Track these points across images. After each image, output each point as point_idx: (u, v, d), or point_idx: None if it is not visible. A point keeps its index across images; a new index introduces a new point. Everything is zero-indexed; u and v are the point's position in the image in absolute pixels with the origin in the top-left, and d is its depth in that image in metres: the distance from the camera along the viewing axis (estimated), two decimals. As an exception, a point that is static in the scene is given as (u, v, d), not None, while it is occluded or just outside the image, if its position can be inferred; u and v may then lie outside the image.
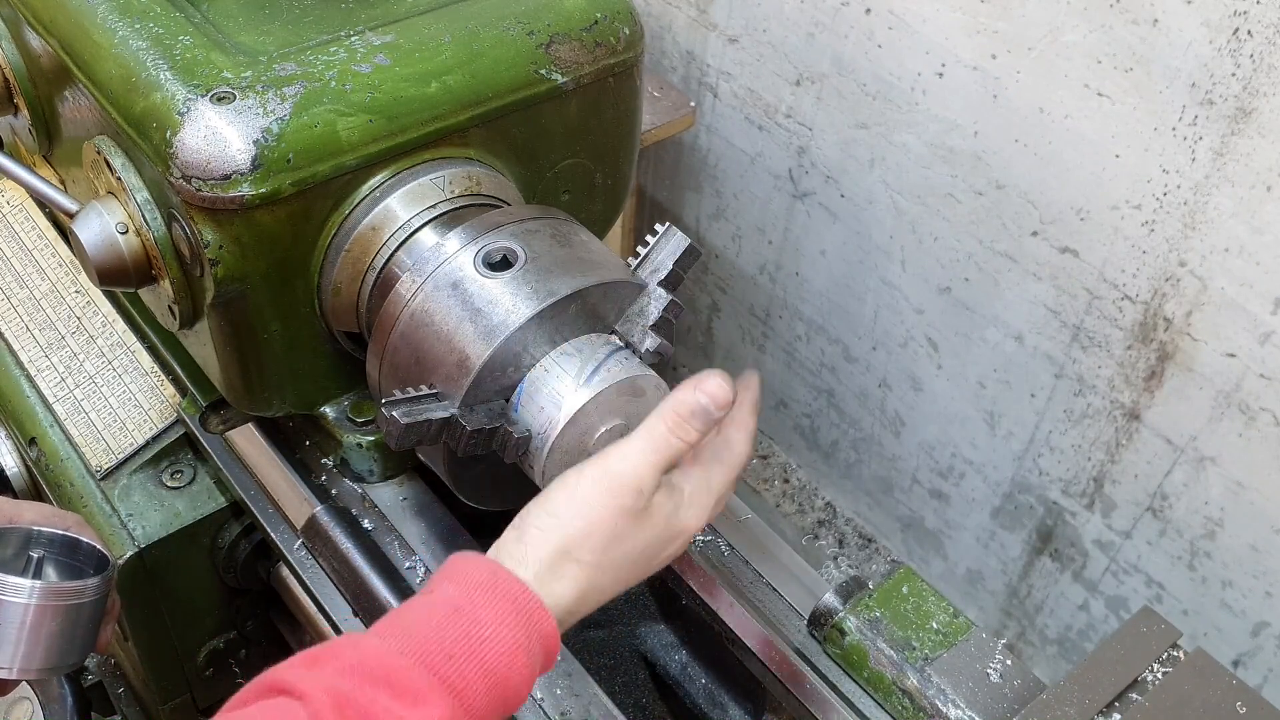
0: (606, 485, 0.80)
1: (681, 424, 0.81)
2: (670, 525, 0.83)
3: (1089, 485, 1.47)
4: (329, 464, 1.11)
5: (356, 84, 0.95)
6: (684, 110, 1.70)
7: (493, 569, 0.77)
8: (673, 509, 0.83)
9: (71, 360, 1.27)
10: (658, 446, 0.81)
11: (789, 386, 1.91)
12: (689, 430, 0.81)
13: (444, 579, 0.78)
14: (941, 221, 1.48)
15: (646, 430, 0.82)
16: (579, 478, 0.81)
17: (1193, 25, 1.13)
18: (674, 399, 0.82)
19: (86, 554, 1.00)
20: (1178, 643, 0.94)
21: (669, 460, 0.81)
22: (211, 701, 1.32)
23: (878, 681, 0.95)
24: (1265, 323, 1.20)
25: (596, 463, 0.81)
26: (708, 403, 0.81)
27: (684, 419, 0.81)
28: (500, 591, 0.76)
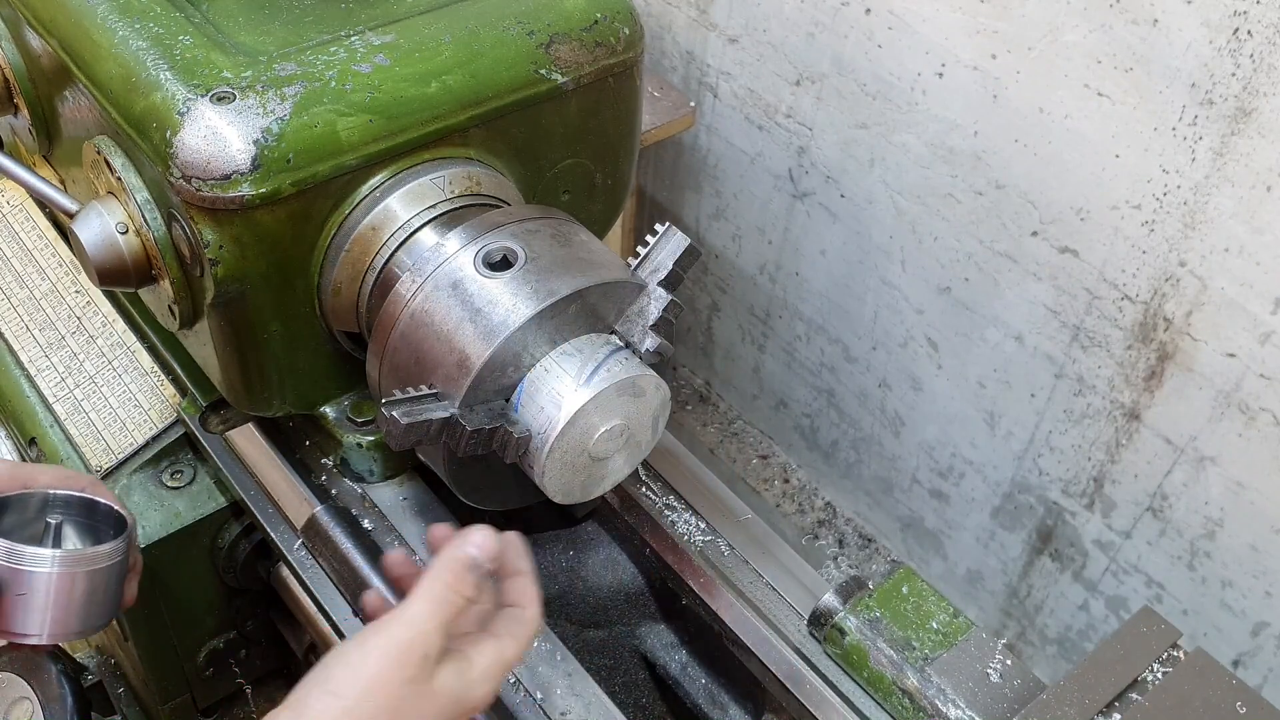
0: (394, 656, 0.77)
1: (459, 580, 0.80)
2: (460, 701, 0.81)
3: (1089, 485, 1.47)
4: (329, 464, 1.11)
5: (356, 84, 0.95)
6: (684, 110, 1.70)
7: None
8: (462, 685, 0.81)
9: (71, 360, 1.27)
10: (439, 605, 0.79)
11: (789, 386, 1.91)
12: (466, 585, 0.81)
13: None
14: (941, 221, 1.48)
15: (425, 591, 0.80)
16: (362, 652, 0.77)
17: (1193, 25, 1.13)
18: (445, 557, 0.81)
19: (104, 515, 0.99)
20: (1178, 643, 0.94)
21: (450, 618, 0.80)
22: (211, 701, 1.32)
23: (878, 681, 0.95)
24: (1265, 323, 1.20)
25: (379, 631, 0.78)
26: (477, 554, 0.82)
27: (460, 574, 0.80)
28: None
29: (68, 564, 0.91)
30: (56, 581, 0.91)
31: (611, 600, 1.14)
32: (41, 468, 1.00)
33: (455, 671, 0.80)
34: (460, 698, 0.80)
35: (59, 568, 0.91)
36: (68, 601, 0.92)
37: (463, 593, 0.80)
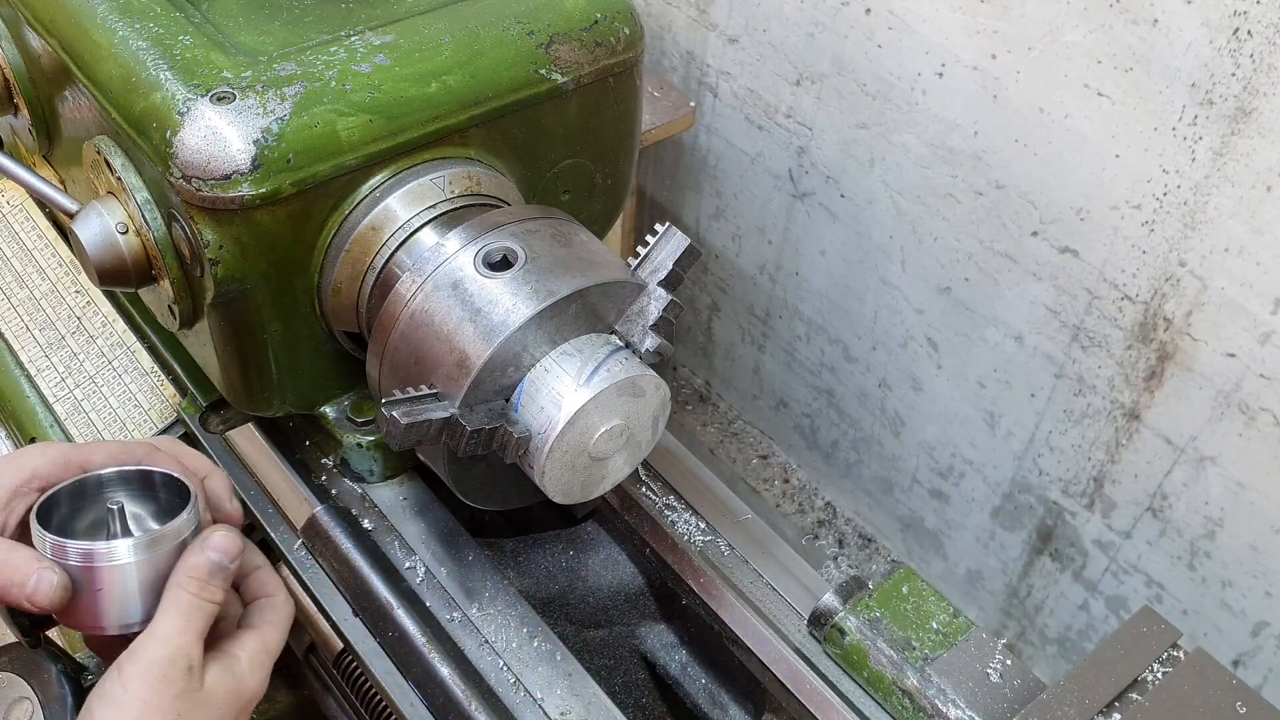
0: (157, 677, 0.77)
1: (205, 587, 0.82)
2: (237, 697, 0.82)
3: (1089, 485, 1.47)
4: (329, 464, 1.11)
5: (356, 84, 0.95)
6: (684, 110, 1.70)
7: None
8: (234, 680, 0.82)
9: (71, 360, 1.27)
10: (189, 617, 0.80)
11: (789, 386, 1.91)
12: (214, 590, 0.82)
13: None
14: (941, 221, 1.48)
15: (171, 605, 0.81)
16: (122, 684, 0.77)
17: (1193, 25, 1.13)
18: (186, 565, 0.82)
19: (164, 484, 0.96)
20: (1178, 643, 0.94)
21: (204, 626, 0.81)
22: (211, 701, 1.31)
23: (878, 681, 0.95)
24: (1265, 323, 1.20)
25: (134, 658, 0.78)
26: (219, 558, 0.83)
27: (205, 581, 0.82)
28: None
29: (146, 550, 0.87)
30: (140, 570, 0.87)
31: (611, 600, 1.14)
32: (94, 446, 0.95)
33: (223, 670, 0.81)
34: (236, 693, 0.82)
35: (138, 556, 0.87)
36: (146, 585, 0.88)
37: (212, 599, 0.82)
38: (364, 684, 1.11)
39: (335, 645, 1.13)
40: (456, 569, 1.03)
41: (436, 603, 1.00)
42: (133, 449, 0.96)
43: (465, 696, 0.93)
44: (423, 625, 0.98)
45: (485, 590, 1.02)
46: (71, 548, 0.85)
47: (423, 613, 0.99)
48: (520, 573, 1.12)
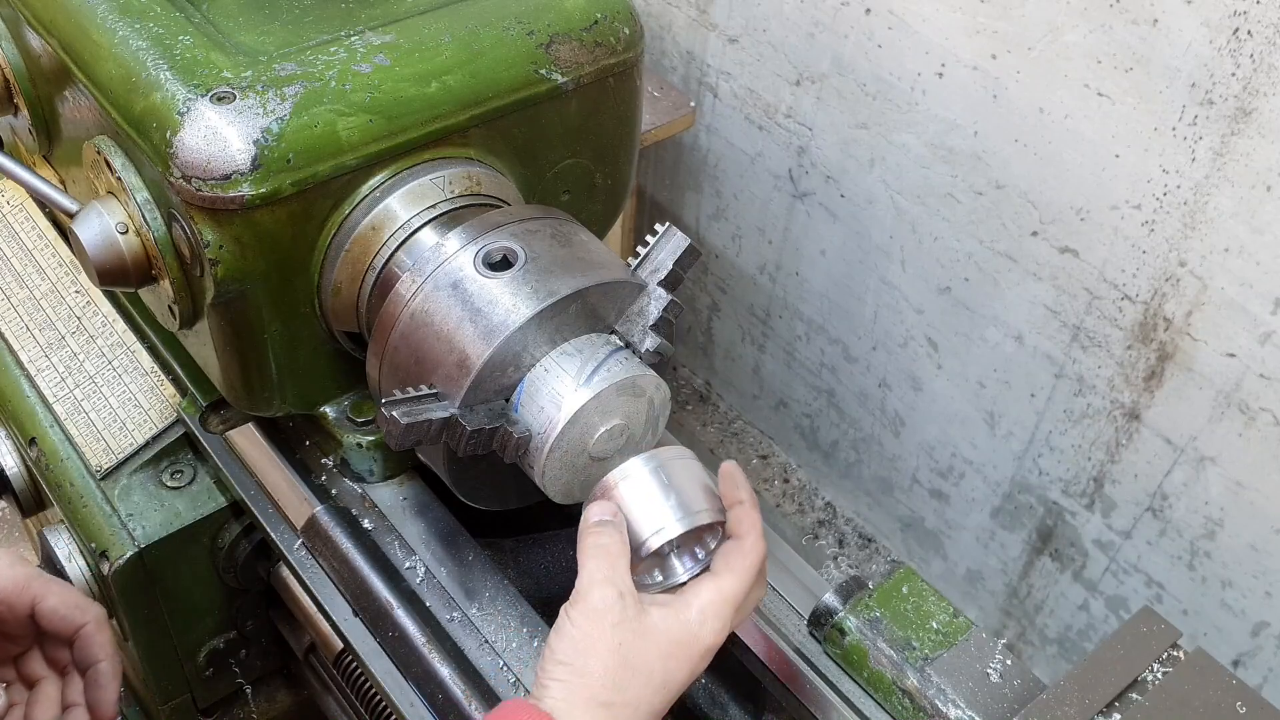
0: (593, 611, 0.81)
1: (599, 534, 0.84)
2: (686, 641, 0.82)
3: (1089, 485, 1.47)
4: (329, 464, 1.11)
5: (356, 84, 0.95)
6: (684, 110, 1.70)
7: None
8: (680, 625, 0.82)
9: (71, 360, 1.27)
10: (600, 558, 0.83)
11: (789, 386, 1.91)
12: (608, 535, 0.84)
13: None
14: (941, 221, 1.48)
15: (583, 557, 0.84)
16: (568, 620, 0.81)
17: (1193, 25, 1.13)
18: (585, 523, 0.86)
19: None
20: (1178, 643, 0.94)
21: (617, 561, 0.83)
22: (211, 701, 1.32)
23: (878, 681, 0.95)
24: (1265, 323, 1.20)
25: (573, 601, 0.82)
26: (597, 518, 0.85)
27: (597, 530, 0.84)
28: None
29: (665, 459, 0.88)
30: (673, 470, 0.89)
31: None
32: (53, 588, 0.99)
33: (670, 614, 0.82)
34: (684, 639, 0.82)
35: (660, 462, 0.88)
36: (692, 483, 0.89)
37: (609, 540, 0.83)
38: (364, 684, 1.11)
39: (335, 645, 1.13)
40: (456, 569, 1.03)
41: (436, 603, 1.00)
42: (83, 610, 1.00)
43: (465, 696, 0.93)
44: (423, 625, 0.98)
45: (485, 590, 1.02)
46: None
47: (423, 613, 0.99)
48: (520, 573, 1.12)
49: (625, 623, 0.80)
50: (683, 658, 0.82)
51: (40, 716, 0.99)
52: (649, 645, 0.80)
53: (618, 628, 0.80)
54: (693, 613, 0.83)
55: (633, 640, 0.80)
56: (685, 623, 0.82)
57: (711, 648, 0.83)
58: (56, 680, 1.02)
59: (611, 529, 0.84)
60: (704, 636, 0.83)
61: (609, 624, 0.80)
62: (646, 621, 0.81)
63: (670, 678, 0.81)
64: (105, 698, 0.99)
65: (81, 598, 1.01)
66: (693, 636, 0.82)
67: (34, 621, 0.98)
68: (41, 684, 1.01)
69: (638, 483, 0.87)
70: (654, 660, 0.80)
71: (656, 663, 0.80)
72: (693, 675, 0.83)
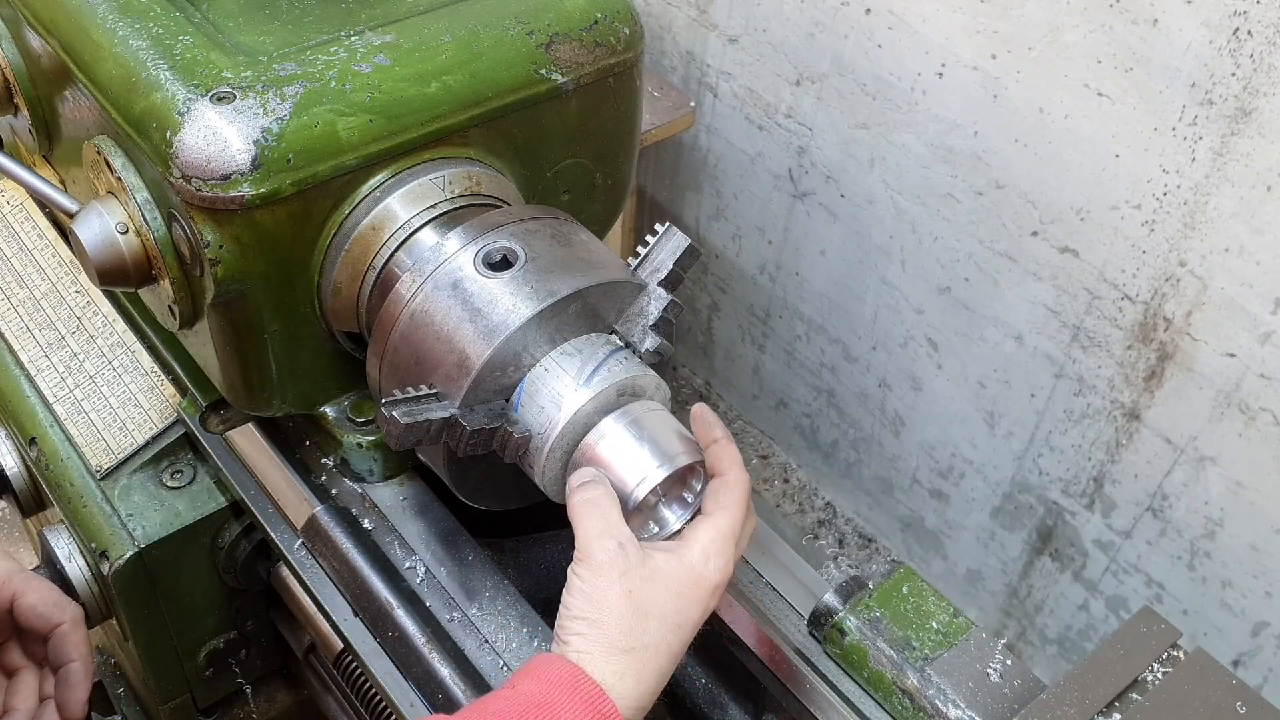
0: (598, 563, 0.82)
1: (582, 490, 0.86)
2: (693, 581, 0.84)
3: (1089, 485, 1.47)
4: (329, 464, 1.11)
5: (356, 84, 0.95)
6: (684, 110, 1.70)
7: (573, 671, 0.79)
8: (684, 567, 0.84)
9: (71, 360, 1.27)
10: (590, 512, 0.84)
11: (789, 386, 1.91)
12: (592, 489, 0.85)
13: (526, 675, 0.80)
14: (941, 221, 1.48)
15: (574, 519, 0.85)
16: (576, 577, 0.83)
17: (1193, 25, 1.13)
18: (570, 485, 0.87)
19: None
20: (1178, 643, 0.94)
21: (607, 513, 0.84)
22: (211, 701, 1.32)
23: (878, 681, 0.95)
24: (1265, 323, 1.20)
25: (576, 561, 0.84)
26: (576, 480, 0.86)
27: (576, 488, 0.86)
28: (581, 693, 0.77)
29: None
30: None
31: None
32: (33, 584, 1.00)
33: (672, 557, 0.84)
34: (690, 578, 0.83)
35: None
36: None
37: (593, 495, 0.85)
38: (364, 684, 1.11)
39: (335, 645, 1.13)
40: (456, 569, 1.03)
41: (436, 603, 1.00)
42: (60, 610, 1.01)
43: (465, 696, 0.93)
44: (423, 625, 0.98)
45: (485, 590, 1.02)
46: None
47: (423, 613, 0.99)
48: (520, 573, 1.12)
49: (631, 571, 0.82)
50: (693, 597, 0.83)
51: (18, 705, 1.00)
52: (658, 589, 0.82)
53: (625, 576, 0.81)
54: (695, 553, 0.85)
55: (642, 587, 0.82)
56: (690, 564, 0.84)
57: (719, 585, 0.85)
58: (35, 671, 1.04)
59: (595, 484, 0.86)
60: (709, 574, 0.85)
61: (616, 574, 0.81)
62: (652, 566, 0.83)
63: (684, 618, 0.83)
64: (74, 697, 1.01)
65: (61, 596, 1.02)
66: (699, 575, 0.84)
67: (11, 616, 1.00)
68: (20, 673, 1.03)
69: (613, 439, 0.89)
70: (665, 603, 0.82)
71: (668, 605, 0.82)
72: (705, 613, 0.85)
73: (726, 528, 0.86)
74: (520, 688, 0.78)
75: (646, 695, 0.81)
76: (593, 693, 0.78)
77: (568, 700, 0.77)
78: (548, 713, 0.76)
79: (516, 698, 0.77)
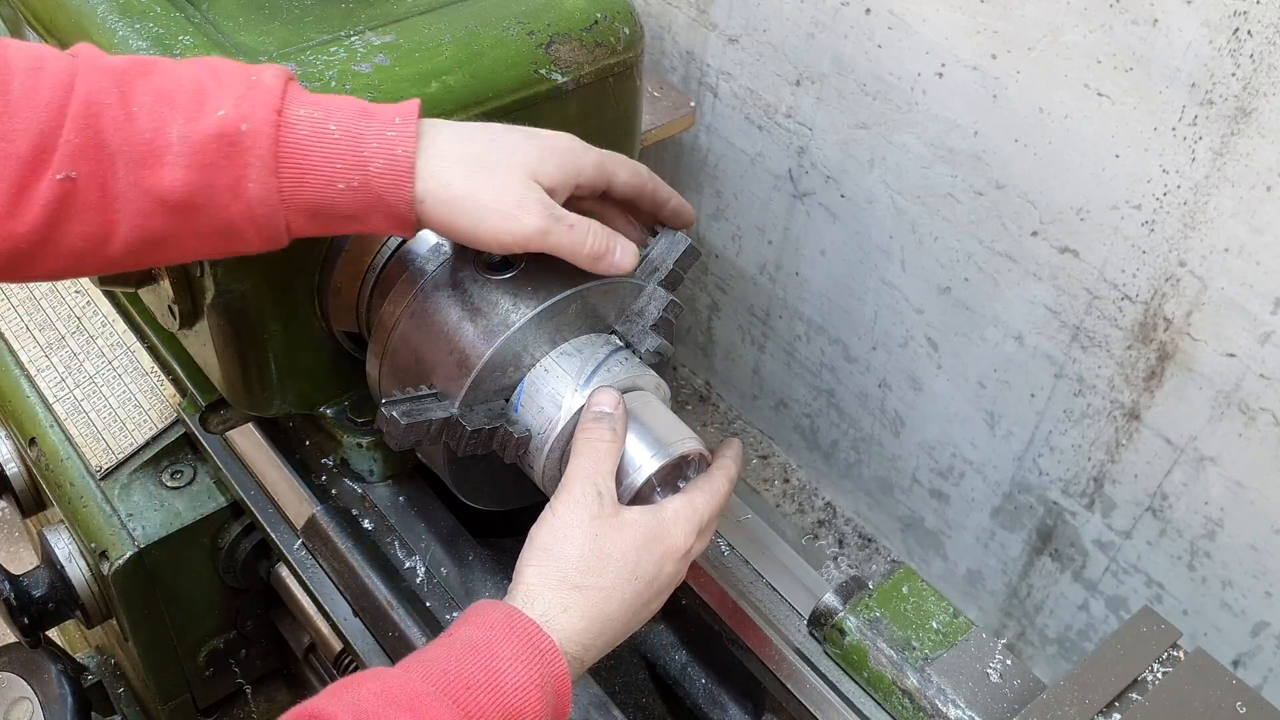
0: (574, 502, 0.84)
1: (594, 430, 0.87)
2: (659, 538, 0.86)
3: (1089, 485, 1.47)
4: (329, 464, 1.11)
5: (356, 84, 0.95)
6: (684, 110, 1.70)
7: (508, 611, 0.80)
8: (655, 522, 0.86)
9: (71, 360, 1.27)
10: (592, 455, 0.86)
11: (789, 386, 1.91)
12: (603, 432, 0.87)
13: (463, 622, 0.81)
14: (941, 221, 1.48)
15: (577, 450, 0.87)
16: (550, 511, 0.86)
17: (1193, 25, 1.13)
18: (581, 421, 0.89)
19: None
20: (1178, 643, 0.94)
21: (603, 461, 0.86)
22: (211, 701, 1.32)
23: (878, 681, 0.95)
24: (1265, 323, 1.20)
25: (557, 495, 0.86)
26: (598, 409, 0.88)
27: (593, 426, 0.87)
28: (514, 630, 0.79)
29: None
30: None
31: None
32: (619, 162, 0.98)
33: (646, 512, 0.87)
34: (656, 533, 0.86)
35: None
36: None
37: (602, 439, 0.87)
38: (364, 684, 1.11)
39: (335, 645, 1.13)
40: (456, 569, 1.04)
41: (436, 603, 1.00)
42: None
43: (465, 696, 0.93)
44: (423, 625, 0.98)
45: (485, 590, 1.02)
46: None
47: (423, 613, 0.99)
48: (520, 573, 1.12)
49: (603, 517, 0.85)
50: (656, 551, 0.86)
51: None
52: (623, 536, 0.85)
53: (595, 520, 0.84)
54: (666, 513, 0.87)
55: (608, 532, 0.84)
56: (660, 519, 0.87)
57: (682, 550, 0.87)
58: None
59: (608, 424, 0.88)
60: (675, 535, 0.87)
61: (588, 516, 0.84)
62: (623, 516, 0.86)
63: (641, 568, 0.85)
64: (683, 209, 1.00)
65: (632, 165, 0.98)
66: (665, 532, 0.86)
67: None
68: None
69: None
70: (628, 550, 0.84)
71: (630, 553, 0.84)
72: (666, 576, 0.87)
73: (700, 505, 0.89)
74: (457, 634, 0.79)
75: (592, 636, 0.82)
76: (529, 629, 0.79)
77: (504, 637, 0.78)
78: (484, 653, 0.77)
79: (453, 643, 0.78)
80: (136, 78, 0.80)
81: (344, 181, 0.81)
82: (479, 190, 0.84)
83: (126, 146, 0.79)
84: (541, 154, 0.87)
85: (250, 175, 0.79)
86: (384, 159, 0.81)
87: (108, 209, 0.79)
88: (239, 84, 0.81)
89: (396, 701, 0.73)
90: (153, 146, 0.79)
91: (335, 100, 0.83)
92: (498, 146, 0.86)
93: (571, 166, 0.89)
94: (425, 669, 0.76)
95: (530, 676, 0.77)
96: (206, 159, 0.79)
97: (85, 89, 0.79)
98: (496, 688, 0.75)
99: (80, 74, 0.80)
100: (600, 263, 0.88)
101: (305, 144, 0.80)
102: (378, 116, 0.82)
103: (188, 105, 0.79)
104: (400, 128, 0.82)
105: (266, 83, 0.81)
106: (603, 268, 0.89)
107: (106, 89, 0.79)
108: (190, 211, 0.80)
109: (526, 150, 0.87)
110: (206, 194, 0.80)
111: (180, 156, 0.79)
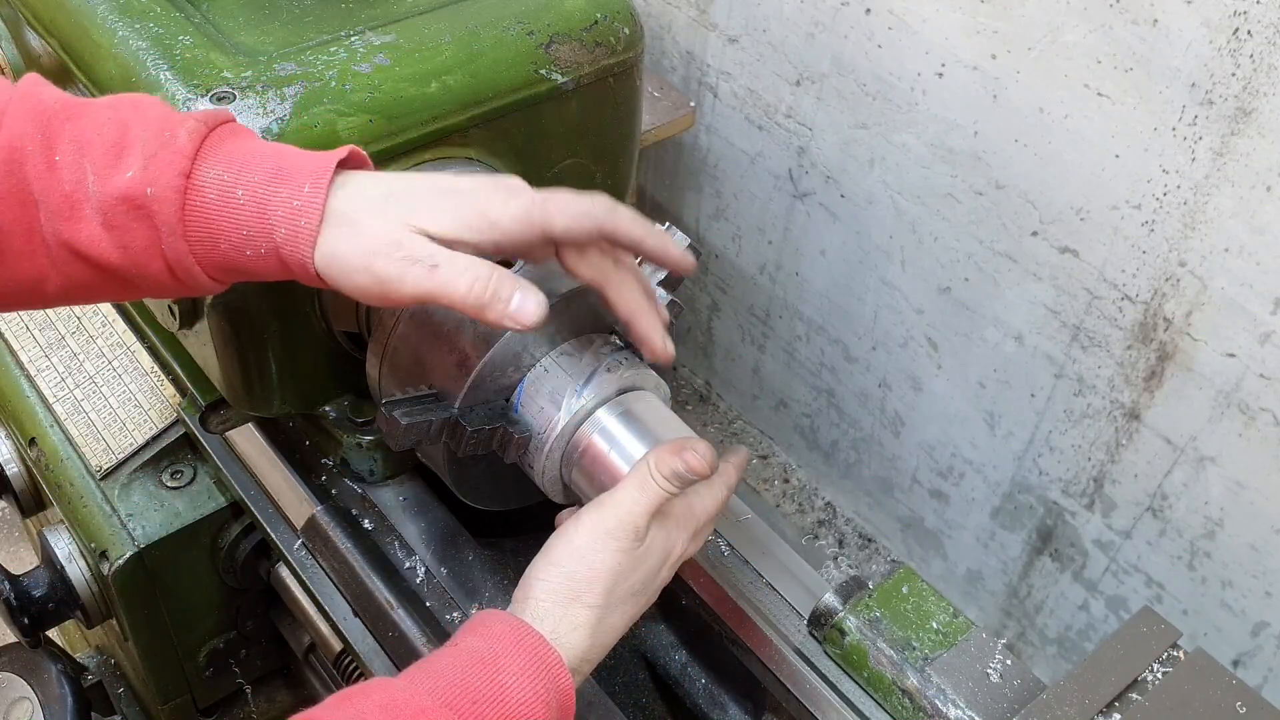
0: (605, 530, 0.83)
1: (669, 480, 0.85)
2: (667, 555, 0.87)
3: (1089, 485, 1.47)
4: (329, 464, 1.11)
5: (356, 84, 0.95)
6: (684, 110, 1.70)
7: (515, 624, 0.80)
8: (665, 540, 0.87)
9: (71, 360, 1.27)
10: (648, 493, 0.85)
11: (789, 386, 1.91)
12: (672, 486, 0.85)
13: (468, 632, 0.80)
14: (941, 221, 1.48)
15: (636, 477, 0.85)
16: (576, 528, 0.84)
17: (1193, 25, 1.13)
18: (663, 454, 0.86)
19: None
20: (1178, 643, 0.94)
21: (656, 505, 0.85)
22: (211, 701, 1.32)
23: (878, 681, 0.95)
24: (1265, 323, 1.20)
25: (592, 511, 0.84)
26: (685, 470, 0.85)
27: (669, 476, 0.85)
28: (523, 645, 0.78)
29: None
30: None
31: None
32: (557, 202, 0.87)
33: (660, 530, 0.86)
34: (666, 550, 0.87)
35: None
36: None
37: (668, 490, 0.85)
38: (364, 684, 1.11)
39: (335, 645, 1.13)
40: (456, 569, 1.04)
41: (436, 603, 1.00)
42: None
43: (465, 696, 0.93)
44: (423, 625, 0.98)
45: (485, 590, 1.02)
46: None
47: (423, 613, 0.99)
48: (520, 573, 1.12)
49: (631, 552, 0.84)
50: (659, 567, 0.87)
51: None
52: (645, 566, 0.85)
53: (623, 553, 0.83)
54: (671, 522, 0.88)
55: (632, 564, 0.85)
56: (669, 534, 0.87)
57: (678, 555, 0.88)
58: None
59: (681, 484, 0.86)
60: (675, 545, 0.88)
61: (616, 548, 0.83)
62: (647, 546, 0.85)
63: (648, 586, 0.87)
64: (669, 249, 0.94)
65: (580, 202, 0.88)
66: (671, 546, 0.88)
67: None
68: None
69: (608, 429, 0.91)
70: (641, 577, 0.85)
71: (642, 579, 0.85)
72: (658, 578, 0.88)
73: (699, 508, 0.89)
74: (462, 644, 0.79)
75: (596, 651, 0.83)
76: (537, 644, 0.79)
77: (512, 651, 0.77)
78: (490, 665, 0.76)
79: (459, 653, 0.78)
80: (64, 122, 0.77)
81: (250, 248, 0.77)
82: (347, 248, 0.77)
83: (46, 197, 0.76)
84: (433, 200, 0.79)
85: (162, 239, 0.76)
86: (287, 228, 0.77)
87: (36, 256, 0.78)
88: (154, 139, 0.77)
89: (401, 714, 0.72)
90: (71, 200, 0.76)
91: (251, 158, 0.78)
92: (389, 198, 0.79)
93: (473, 212, 0.79)
94: (431, 681, 0.75)
95: (537, 692, 0.76)
96: (117, 220, 0.76)
97: (9, 134, 0.77)
98: (502, 701, 0.75)
99: (9, 116, 0.77)
100: (488, 312, 0.78)
101: (211, 209, 0.77)
102: (289, 180, 0.77)
103: (103, 160, 0.76)
104: (308, 196, 0.76)
105: (179, 142, 0.76)
106: (492, 318, 0.78)
107: (31, 135, 0.77)
108: (112, 268, 0.78)
109: (415, 197, 0.79)
110: (123, 253, 0.77)
111: (96, 213, 0.76)
